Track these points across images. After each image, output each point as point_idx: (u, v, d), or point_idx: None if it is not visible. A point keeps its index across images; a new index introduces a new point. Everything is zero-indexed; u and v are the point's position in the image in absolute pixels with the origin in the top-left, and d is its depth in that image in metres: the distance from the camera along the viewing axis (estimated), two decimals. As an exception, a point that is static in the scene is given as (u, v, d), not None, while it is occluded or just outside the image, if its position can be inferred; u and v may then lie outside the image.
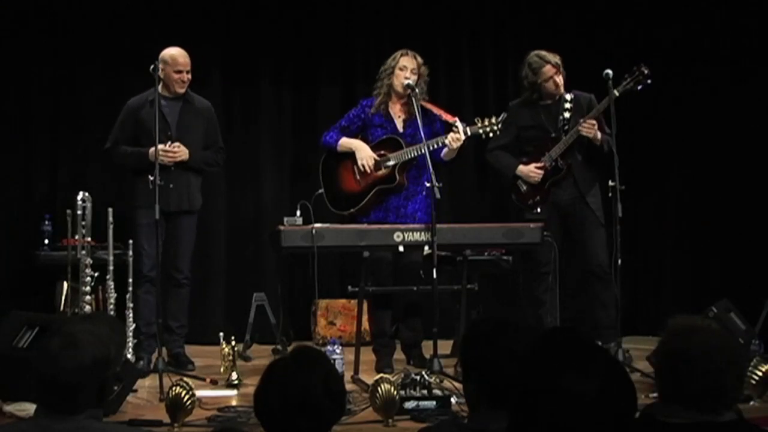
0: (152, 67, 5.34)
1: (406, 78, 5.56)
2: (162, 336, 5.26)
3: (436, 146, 5.51)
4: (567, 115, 5.78)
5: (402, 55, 5.65)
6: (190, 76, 5.72)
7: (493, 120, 5.58)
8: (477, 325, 2.83)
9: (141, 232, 5.58)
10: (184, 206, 5.70)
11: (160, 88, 5.62)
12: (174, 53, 5.70)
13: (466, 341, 2.64)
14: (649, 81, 5.62)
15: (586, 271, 5.86)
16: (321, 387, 2.31)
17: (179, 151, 5.59)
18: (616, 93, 5.55)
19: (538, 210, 5.82)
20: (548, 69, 5.78)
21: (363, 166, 5.63)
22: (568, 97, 5.80)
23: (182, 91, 5.68)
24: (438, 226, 5.14)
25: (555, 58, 5.80)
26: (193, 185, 5.77)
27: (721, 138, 6.77)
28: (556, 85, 5.78)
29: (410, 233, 5.25)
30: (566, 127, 5.76)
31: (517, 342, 2.42)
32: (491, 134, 5.61)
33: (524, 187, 5.90)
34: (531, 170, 5.85)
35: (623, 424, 1.92)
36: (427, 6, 7.24)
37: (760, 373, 4.53)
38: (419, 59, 5.65)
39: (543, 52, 5.82)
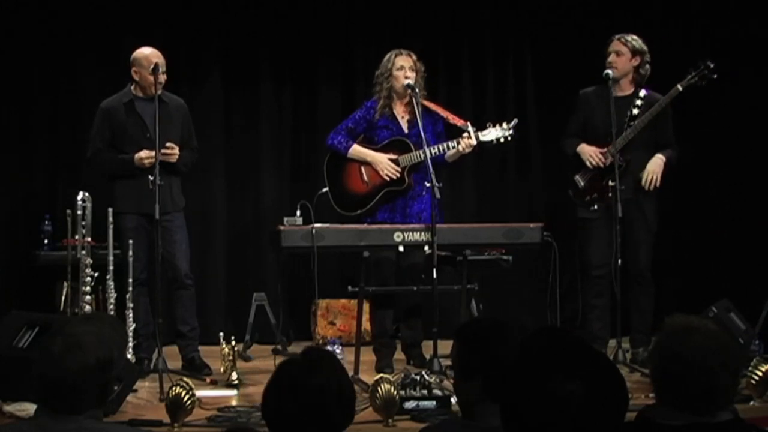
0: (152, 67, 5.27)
1: (406, 77, 5.51)
2: (161, 336, 5.21)
3: (444, 150, 5.49)
4: (636, 111, 5.64)
5: (396, 56, 5.60)
6: (165, 75, 5.46)
7: (505, 125, 5.52)
8: (475, 326, 2.86)
9: (128, 237, 5.41)
10: (168, 208, 5.46)
11: (133, 88, 5.52)
12: (148, 54, 5.44)
13: (468, 342, 2.68)
14: (714, 76, 5.52)
15: (628, 275, 5.77)
16: (334, 393, 2.27)
17: (174, 152, 5.43)
18: (680, 88, 5.50)
19: (596, 207, 5.61)
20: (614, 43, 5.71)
21: (388, 176, 5.57)
22: (641, 93, 5.69)
23: (159, 92, 5.34)
24: (438, 226, 5.11)
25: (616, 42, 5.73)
26: (174, 187, 5.60)
27: (720, 137, 6.76)
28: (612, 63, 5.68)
29: (410, 233, 5.22)
30: (631, 123, 5.61)
31: (515, 340, 2.51)
32: (503, 140, 5.54)
33: (582, 183, 5.77)
34: (593, 151, 5.67)
35: (614, 425, 1.91)
36: (427, 6, 7.23)
37: (760, 373, 4.52)
38: (414, 56, 5.59)
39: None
